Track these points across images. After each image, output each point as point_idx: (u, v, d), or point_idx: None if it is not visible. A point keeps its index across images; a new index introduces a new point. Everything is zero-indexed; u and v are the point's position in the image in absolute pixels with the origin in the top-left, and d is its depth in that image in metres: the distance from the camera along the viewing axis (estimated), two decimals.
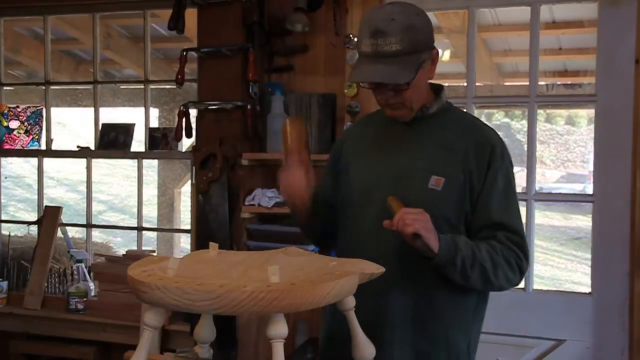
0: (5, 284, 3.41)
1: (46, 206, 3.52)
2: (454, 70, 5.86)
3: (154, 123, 5.54)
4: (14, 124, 3.63)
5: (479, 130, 1.67)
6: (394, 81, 1.56)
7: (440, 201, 1.59)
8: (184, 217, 6.57)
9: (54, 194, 10.99)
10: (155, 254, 3.65)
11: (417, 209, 1.50)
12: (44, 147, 3.63)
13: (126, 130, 3.47)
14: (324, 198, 1.80)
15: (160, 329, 2.11)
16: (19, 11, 3.66)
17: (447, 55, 5.20)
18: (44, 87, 3.64)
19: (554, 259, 11.25)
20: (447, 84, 6.29)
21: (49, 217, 3.44)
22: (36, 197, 3.68)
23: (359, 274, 1.32)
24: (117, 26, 4.99)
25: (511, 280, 1.60)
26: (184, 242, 6.76)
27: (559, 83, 5.94)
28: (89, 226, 3.60)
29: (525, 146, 2.88)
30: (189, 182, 3.79)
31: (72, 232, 3.85)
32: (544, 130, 16.79)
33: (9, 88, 3.96)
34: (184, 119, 2.99)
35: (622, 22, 2.60)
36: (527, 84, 2.82)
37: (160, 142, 3.33)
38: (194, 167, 2.99)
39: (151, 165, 6.54)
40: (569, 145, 17.70)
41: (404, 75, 1.55)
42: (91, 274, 3.32)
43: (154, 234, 6.89)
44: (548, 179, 16.34)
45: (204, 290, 1.14)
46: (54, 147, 3.63)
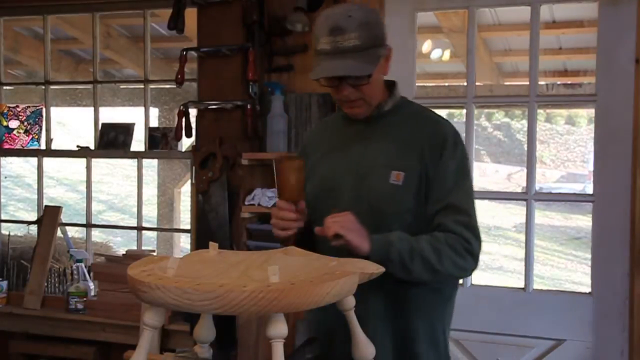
0: (5, 283, 3.41)
1: (46, 206, 3.52)
2: (454, 70, 5.87)
3: (153, 123, 5.55)
4: (13, 123, 3.63)
5: (432, 124, 1.72)
6: (356, 74, 1.60)
7: (403, 195, 1.64)
8: (184, 216, 6.56)
9: (53, 194, 10.99)
10: (155, 253, 3.64)
11: (343, 212, 1.57)
12: (43, 146, 3.63)
13: (126, 130, 3.47)
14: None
15: (160, 328, 2.10)
16: (18, 11, 3.66)
17: (447, 55, 5.20)
18: (43, 87, 3.64)
19: (554, 258, 11.26)
20: (447, 84, 6.34)
21: (49, 216, 3.44)
22: (36, 196, 3.68)
23: (358, 274, 1.32)
24: (117, 26, 4.98)
25: (461, 266, 1.61)
26: (184, 242, 6.76)
27: (559, 83, 5.94)
28: (88, 226, 3.60)
29: (525, 146, 2.88)
30: (188, 182, 3.78)
31: (72, 231, 3.85)
32: (544, 130, 16.82)
33: (8, 88, 3.95)
34: (183, 119, 2.99)
35: (622, 22, 2.60)
36: (527, 83, 2.82)
37: (160, 141, 3.33)
38: (193, 167, 2.99)
39: (151, 165, 6.53)
40: (569, 145, 17.71)
41: (365, 68, 1.60)
42: (91, 274, 3.32)
43: (153, 234, 6.90)
44: (548, 178, 16.35)
45: (203, 290, 1.14)
46: (54, 146, 3.63)
